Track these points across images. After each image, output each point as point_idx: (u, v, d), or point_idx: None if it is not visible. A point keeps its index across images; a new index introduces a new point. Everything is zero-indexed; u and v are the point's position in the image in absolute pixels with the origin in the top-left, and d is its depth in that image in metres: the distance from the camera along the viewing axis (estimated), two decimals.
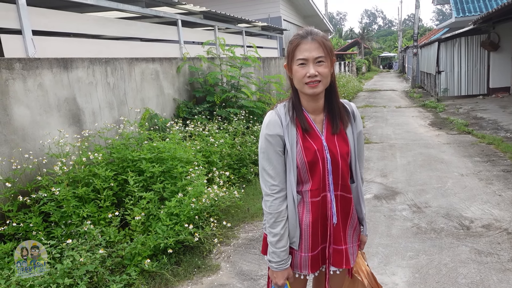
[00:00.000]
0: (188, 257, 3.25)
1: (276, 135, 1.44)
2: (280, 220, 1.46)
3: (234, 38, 8.55)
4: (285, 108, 1.49)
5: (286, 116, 1.46)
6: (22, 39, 3.54)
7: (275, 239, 1.46)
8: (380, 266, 3.01)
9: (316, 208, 1.47)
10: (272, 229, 1.47)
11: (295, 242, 1.50)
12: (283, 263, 1.48)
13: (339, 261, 1.53)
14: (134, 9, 5.18)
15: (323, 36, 1.41)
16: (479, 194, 4.37)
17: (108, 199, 3.30)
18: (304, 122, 1.46)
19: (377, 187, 4.87)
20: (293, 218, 1.47)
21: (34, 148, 3.34)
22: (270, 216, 1.46)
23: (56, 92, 3.63)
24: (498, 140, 6.60)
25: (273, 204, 1.45)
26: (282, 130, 1.44)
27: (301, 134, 1.45)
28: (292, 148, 1.44)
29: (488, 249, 3.16)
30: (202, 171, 3.91)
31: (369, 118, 10.42)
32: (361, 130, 1.59)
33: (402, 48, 37.09)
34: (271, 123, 1.45)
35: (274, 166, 1.45)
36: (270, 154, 1.45)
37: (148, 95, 5.07)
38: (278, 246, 1.46)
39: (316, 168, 1.45)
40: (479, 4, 14.24)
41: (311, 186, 1.46)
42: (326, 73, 1.40)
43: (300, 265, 1.53)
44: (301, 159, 1.44)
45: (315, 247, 1.52)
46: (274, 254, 1.47)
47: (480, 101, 11.71)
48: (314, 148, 1.44)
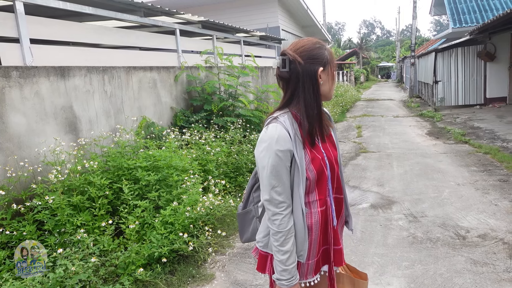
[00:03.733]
0: (183, 266, 3.22)
1: (287, 151, 1.38)
2: (290, 237, 1.41)
3: (232, 47, 8.62)
4: (289, 119, 1.43)
5: (292, 129, 1.41)
6: (20, 48, 3.56)
7: (285, 257, 1.41)
8: (375, 276, 2.99)
9: (324, 216, 1.49)
10: (281, 247, 1.41)
11: (302, 256, 1.46)
12: (293, 278, 1.43)
13: (339, 261, 1.57)
14: (133, 18, 5.23)
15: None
16: (475, 203, 4.37)
17: (103, 208, 3.29)
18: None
19: (374, 196, 4.86)
20: (301, 232, 1.43)
21: (30, 156, 3.34)
22: (280, 234, 1.40)
23: (53, 100, 3.64)
24: (495, 149, 6.62)
25: (282, 222, 1.40)
26: (292, 145, 1.39)
27: (308, 146, 1.44)
28: (301, 161, 1.40)
29: (484, 259, 3.15)
30: (197, 180, 3.91)
31: (367, 127, 10.46)
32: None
33: (400, 58, 37.38)
34: (281, 138, 1.37)
35: (283, 183, 1.39)
36: (281, 171, 1.38)
37: (146, 104, 5.08)
38: (289, 263, 1.41)
39: (323, 177, 1.46)
40: (476, 15, 14.41)
41: (318, 195, 1.46)
42: None
43: (306, 273, 1.51)
44: (312, 171, 1.42)
45: (319, 251, 1.53)
46: (285, 272, 1.42)
47: (477, 111, 11.77)
48: (319, 158, 1.45)
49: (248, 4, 12.24)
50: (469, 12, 14.67)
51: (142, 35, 5.64)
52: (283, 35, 12.73)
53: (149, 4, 5.52)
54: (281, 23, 12.67)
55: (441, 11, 19.12)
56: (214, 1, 12.14)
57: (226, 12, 12.32)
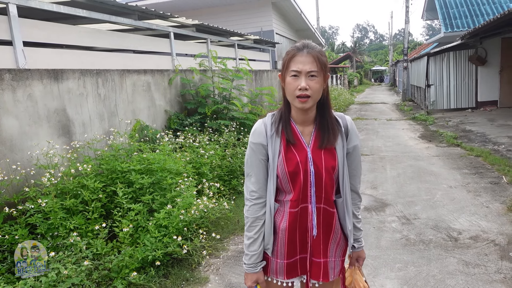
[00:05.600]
0: (177, 270, 3.22)
1: (259, 144, 1.47)
2: (255, 225, 1.51)
3: (226, 50, 8.64)
4: (272, 118, 1.51)
5: (272, 127, 1.48)
6: (13, 50, 3.55)
7: (248, 242, 1.52)
8: (369, 278, 3.01)
9: (293, 219, 1.48)
10: (247, 232, 1.53)
11: (269, 249, 1.53)
12: (253, 266, 1.52)
13: (316, 274, 1.53)
14: (127, 21, 5.22)
15: (319, 51, 1.39)
16: (467, 206, 4.41)
17: (96, 211, 3.27)
18: (289, 134, 1.46)
19: (367, 199, 4.89)
20: (268, 225, 1.51)
21: (22, 159, 3.32)
22: (247, 219, 1.52)
23: (46, 103, 3.62)
24: (486, 152, 6.70)
25: (250, 209, 1.51)
26: (266, 140, 1.47)
27: (284, 145, 1.46)
28: (274, 158, 1.46)
29: (476, 260, 3.19)
30: (192, 183, 3.91)
31: (361, 131, 10.52)
32: (356, 145, 1.54)
33: (393, 62, 37.73)
34: (256, 131, 1.49)
35: (255, 173, 1.49)
36: (253, 161, 1.49)
37: (140, 107, 5.08)
38: (250, 249, 1.52)
39: (297, 180, 1.45)
40: (467, 20, 14.61)
41: (292, 197, 1.47)
42: (317, 88, 1.38)
43: (276, 271, 1.55)
44: (282, 170, 1.44)
45: (292, 255, 1.52)
46: (247, 256, 1.53)
47: (469, 114, 11.90)
48: (297, 159, 1.44)
49: (243, 8, 12.29)
50: (461, 17, 14.87)
51: (136, 38, 5.64)
52: (277, 39, 12.79)
53: (143, 8, 5.53)
54: (275, 26, 12.73)
55: (433, 16, 19.35)
56: (208, 4, 12.17)
57: (220, 15, 12.35)
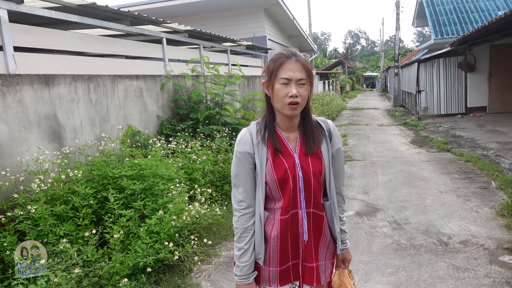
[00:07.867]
0: (168, 276, 3.20)
1: (246, 153, 1.46)
2: (245, 236, 1.49)
3: (219, 56, 8.67)
4: (257, 126, 1.50)
5: (258, 135, 1.47)
6: (3, 55, 3.52)
7: (239, 253, 1.50)
8: (360, 283, 3.02)
9: (284, 225, 1.48)
10: (237, 243, 1.51)
11: (261, 258, 1.51)
12: (245, 277, 1.50)
13: (310, 279, 1.54)
14: (119, 27, 5.22)
15: (306, 59, 1.44)
16: (457, 210, 4.46)
17: (87, 217, 3.24)
18: (276, 141, 1.47)
19: (359, 204, 4.92)
20: (259, 235, 1.49)
21: (12, 165, 3.28)
22: (237, 230, 1.50)
23: (37, 108, 3.60)
24: (476, 157, 6.79)
25: (239, 219, 1.49)
26: (252, 148, 1.46)
27: (271, 152, 1.46)
28: (261, 166, 1.45)
29: (465, 264, 3.22)
30: (184, 188, 3.89)
31: (352, 136, 10.59)
32: (339, 148, 1.58)
33: (384, 68, 38.13)
34: (242, 140, 1.47)
35: (243, 182, 1.48)
36: (240, 171, 1.48)
37: (131, 112, 5.06)
38: (241, 260, 1.50)
39: (287, 186, 1.45)
40: (456, 28, 14.85)
41: (282, 203, 1.47)
42: (305, 95, 1.42)
43: (268, 279, 1.54)
44: (271, 177, 1.45)
45: (284, 262, 1.52)
46: (238, 268, 1.51)
47: (458, 120, 12.06)
48: (285, 165, 1.45)
49: (235, 14, 12.36)
50: (450, 24, 15.12)
51: (128, 44, 5.63)
52: (270, 45, 12.87)
53: (135, 13, 5.53)
54: (267, 32, 12.81)
55: (423, 23, 19.66)
56: (201, 10, 12.22)
57: (213, 21, 12.40)
